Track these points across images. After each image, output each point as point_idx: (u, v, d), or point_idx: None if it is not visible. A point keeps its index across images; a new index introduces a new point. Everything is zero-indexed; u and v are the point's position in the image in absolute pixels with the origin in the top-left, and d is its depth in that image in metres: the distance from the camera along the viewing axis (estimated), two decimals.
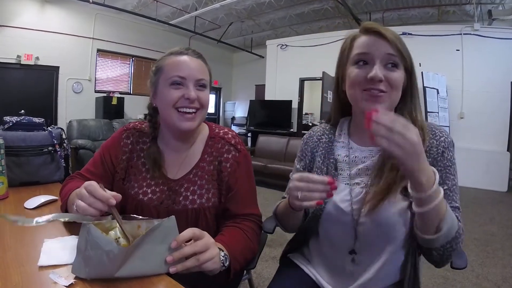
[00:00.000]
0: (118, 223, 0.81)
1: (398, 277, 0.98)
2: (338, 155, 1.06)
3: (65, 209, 1.02)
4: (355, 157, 1.03)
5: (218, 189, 1.12)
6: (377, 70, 0.89)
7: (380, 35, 0.91)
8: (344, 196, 0.98)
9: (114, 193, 0.81)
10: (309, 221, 1.08)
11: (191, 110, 1.05)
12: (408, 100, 0.98)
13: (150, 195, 1.11)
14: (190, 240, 0.81)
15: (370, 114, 0.70)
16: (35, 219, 0.74)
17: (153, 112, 1.16)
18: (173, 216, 0.79)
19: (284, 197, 1.17)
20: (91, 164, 1.18)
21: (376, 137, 0.70)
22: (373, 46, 0.92)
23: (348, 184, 1.00)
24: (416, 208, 0.80)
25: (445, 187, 0.92)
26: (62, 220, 0.78)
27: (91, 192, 0.79)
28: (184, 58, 1.07)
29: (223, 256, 0.88)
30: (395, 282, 0.98)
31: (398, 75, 0.92)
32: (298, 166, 1.18)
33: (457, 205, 0.93)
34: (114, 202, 0.80)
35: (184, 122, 1.05)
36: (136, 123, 1.23)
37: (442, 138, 0.95)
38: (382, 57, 0.91)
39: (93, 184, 0.80)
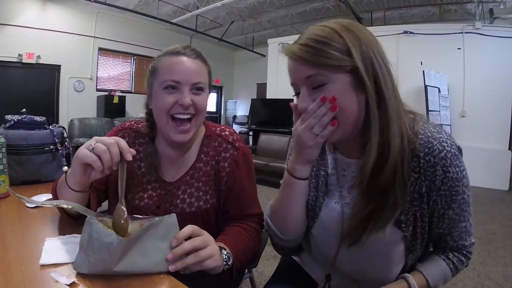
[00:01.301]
0: (120, 186, 0.80)
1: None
2: (327, 168, 0.92)
3: (55, 194, 0.97)
4: (343, 170, 0.90)
5: (216, 190, 1.09)
6: (300, 101, 0.77)
7: (293, 58, 0.77)
8: (334, 218, 0.88)
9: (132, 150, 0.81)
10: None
11: (185, 117, 0.99)
12: (374, 112, 0.74)
13: (146, 200, 1.07)
14: (190, 237, 0.81)
15: None
16: (41, 201, 0.81)
17: (150, 111, 1.09)
18: (174, 214, 0.79)
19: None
20: None
21: None
22: (293, 73, 0.79)
23: (338, 203, 0.88)
24: None
25: (450, 212, 0.81)
26: (66, 206, 0.79)
27: (115, 139, 0.80)
28: (180, 59, 0.99)
29: (225, 255, 0.87)
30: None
31: (329, 92, 0.73)
32: None
33: (464, 224, 0.85)
34: (130, 157, 0.79)
35: (178, 134, 0.99)
36: (132, 122, 1.17)
37: (442, 154, 0.74)
38: (303, 81, 0.76)
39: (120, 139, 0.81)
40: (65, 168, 0.89)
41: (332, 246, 0.90)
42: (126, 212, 0.79)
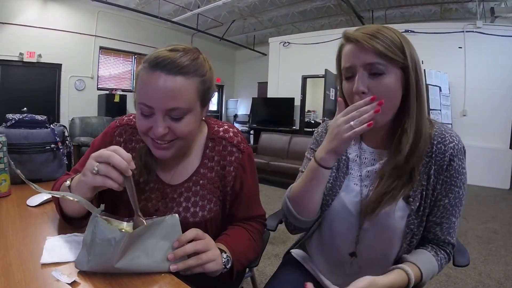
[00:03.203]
0: (130, 196, 0.79)
1: None
2: (350, 154, 1.04)
3: (57, 201, 0.95)
4: (365, 158, 1.00)
5: (222, 195, 1.04)
6: (357, 83, 0.84)
7: (358, 43, 0.84)
8: (353, 197, 0.97)
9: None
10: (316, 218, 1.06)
11: (163, 142, 0.88)
12: (409, 105, 0.87)
13: (144, 202, 0.99)
14: (192, 240, 0.81)
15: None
16: (48, 191, 0.84)
17: None
18: (176, 215, 0.79)
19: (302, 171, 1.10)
20: (81, 164, 1.01)
21: None
22: (354, 57, 0.86)
23: (357, 185, 0.98)
24: None
25: (446, 201, 0.90)
26: (71, 198, 0.77)
27: (116, 150, 0.75)
28: (155, 76, 0.81)
29: (225, 258, 0.87)
30: None
31: (385, 82, 0.83)
32: (309, 156, 1.11)
33: (454, 219, 0.92)
34: (130, 172, 0.77)
35: (157, 150, 0.89)
36: (131, 117, 1.07)
37: (451, 144, 0.88)
38: (364, 66, 0.84)
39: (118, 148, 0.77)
40: (67, 183, 0.87)
41: (353, 225, 0.97)
42: (145, 223, 0.79)
